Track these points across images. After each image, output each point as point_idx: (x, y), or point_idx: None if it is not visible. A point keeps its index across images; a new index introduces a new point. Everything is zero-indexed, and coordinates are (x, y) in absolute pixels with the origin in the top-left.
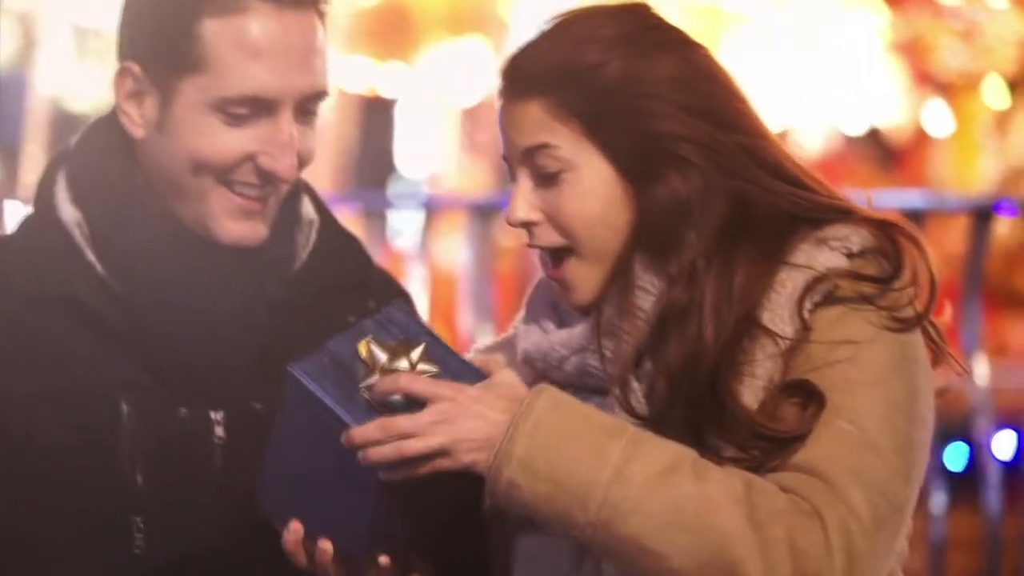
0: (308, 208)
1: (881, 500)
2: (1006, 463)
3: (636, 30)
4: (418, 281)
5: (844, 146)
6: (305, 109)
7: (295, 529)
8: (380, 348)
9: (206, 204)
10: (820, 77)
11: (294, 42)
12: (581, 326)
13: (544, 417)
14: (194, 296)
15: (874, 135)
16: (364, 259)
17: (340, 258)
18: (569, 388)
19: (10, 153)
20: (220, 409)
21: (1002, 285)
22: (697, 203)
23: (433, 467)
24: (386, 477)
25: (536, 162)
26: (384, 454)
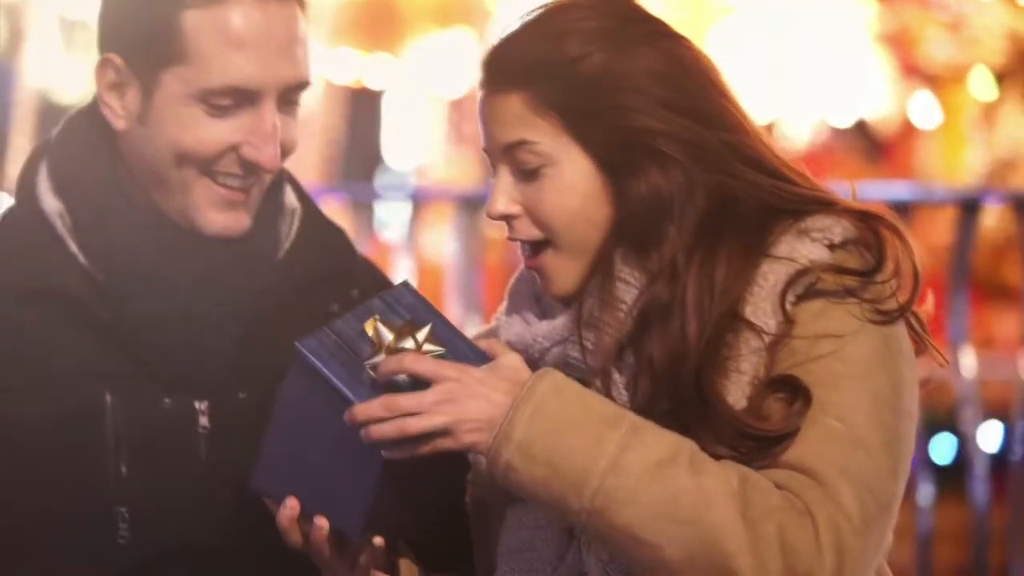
0: (291, 197)
1: (870, 497)
2: (993, 455)
3: (617, 23)
4: (405, 272)
5: (831, 138)
6: (288, 99)
7: (292, 506)
8: (387, 327)
9: (189, 195)
10: (807, 69)
11: (276, 32)
12: (563, 317)
13: (545, 401)
14: (177, 286)
15: (861, 127)
16: (347, 248)
17: (323, 247)
18: None
19: None
20: (204, 399)
21: (989, 277)
22: (678, 198)
23: (434, 447)
24: (387, 456)
25: (516, 156)
26: (386, 432)
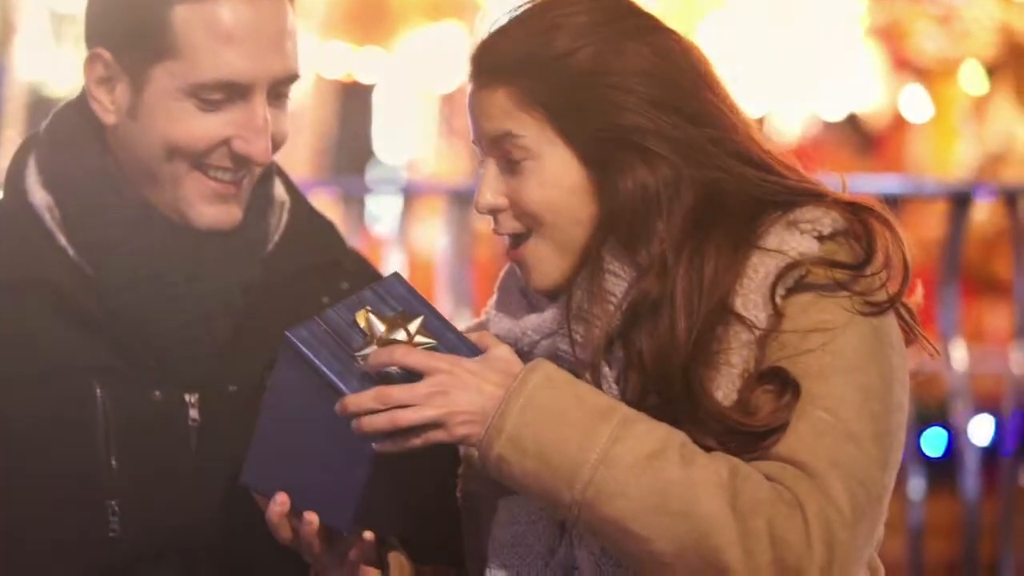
0: (280, 190)
1: (861, 490)
2: (984, 448)
3: (606, 19)
4: (396, 266)
5: (822, 131)
6: (277, 92)
7: (281, 502)
8: (378, 319)
9: (180, 189)
10: (797, 63)
11: (266, 26)
12: (552, 311)
13: (536, 394)
14: (167, 279)
15: (852, 120)
16: (336, 240)
17: (312, 239)
18: None
19: None
20: (194, 392)
21: (980, 271)
22: (664, 194)
23: (426, 439)
24: (378, 448)
25: (502, 149)
26: (377, 424)
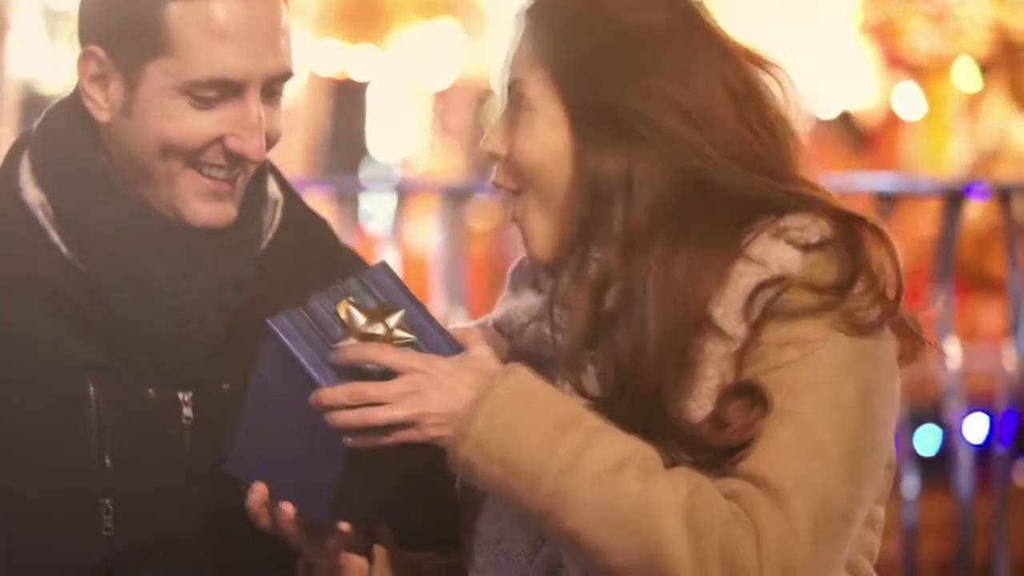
0: (273, 188)
1: (824, 508)
2: (977, 446)
3: (655, 5)
4: (390, 264)
5: (815, 129)
6: (271, 90)
7: (260, 491)
8: (359, 311)
9: (175, 187)
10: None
11: (260, 23)
12: (546, 295)
13: (505, 399)
14: (161, 277)
15: (845, 118)
16: (330, 237)
17: (305, 236)
18: (528, 357)
19: None
20: (188, 390)
21: (973, 269)
22: (639, 179)
23: (399, 438)
24: (351, 443)
25: (512, 98)
26: (349, 420)
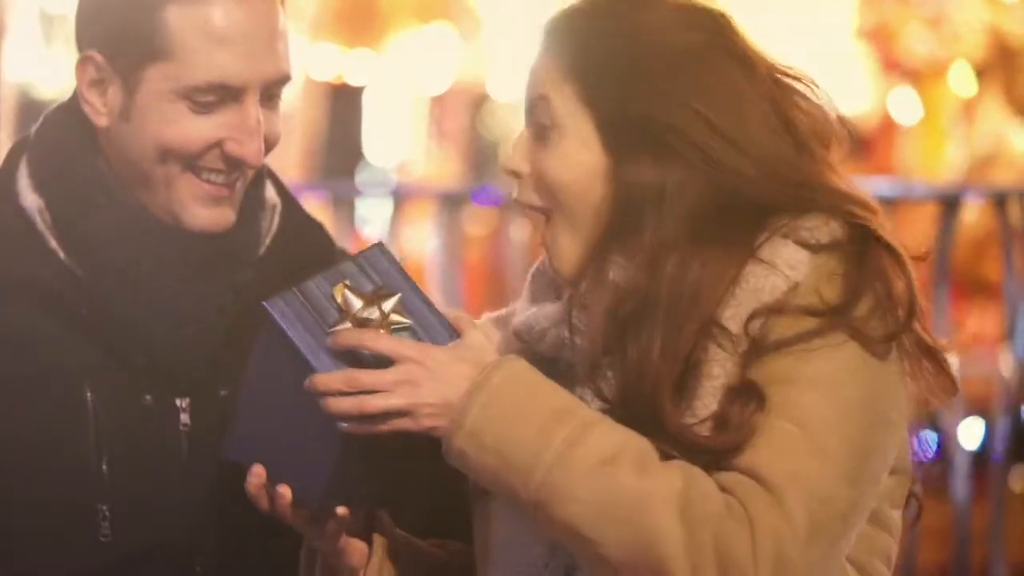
0: (271, 192)
1: (820, 507)
2: (974, 452)
3: (678, 21)
4: None
5: None
6: (270, 94)
7: (257, 474)
8: (355, 295)
9: (173, 191)
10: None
11: (258, 28)
12: (566, 300)
13: (499, 390)
14: (159, 282)
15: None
16: (327, 243)
17: (303, 242)
18: (548, 363)
19: None
20: (185, 396)
21: (969, 274)
22: (670, 192)
23: (393, 426)
24: (346, 430)
25: (535, 115)
26: (344, 407)
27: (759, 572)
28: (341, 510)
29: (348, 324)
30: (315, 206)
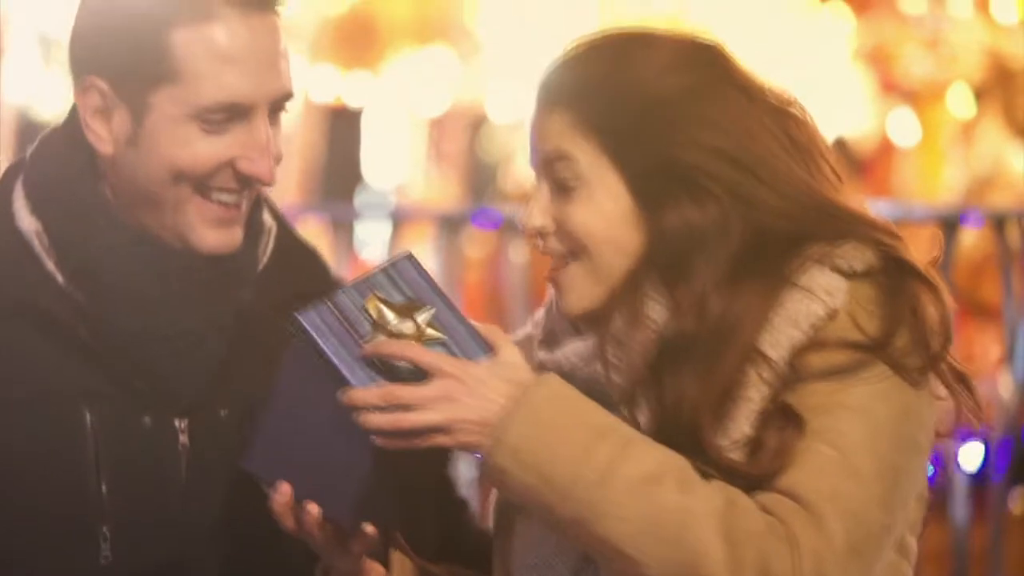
0: (267, 216)
1: (857, 527)
2: (973, 474)
3: (684, 60)
4: None
5: None
6: (274, 111)
7: (284, 491)
8: (388, 307)
9: (183, 214)
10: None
11: (263, 46)
12: (594, 337)
13: (540, 408)
14: (159, 304)
15: (840, 144)
16: (320, 267)
17: (298, 264)
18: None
19: None
20: (184, 416)
21: (968, 296)
22: (712, 233)
23: (430, 442)
24: (381, 444)
25: (554, 171)
26: (381, 422)
27: None
28: (369, 528)
29: (381, 337)
30: (314, 228)
